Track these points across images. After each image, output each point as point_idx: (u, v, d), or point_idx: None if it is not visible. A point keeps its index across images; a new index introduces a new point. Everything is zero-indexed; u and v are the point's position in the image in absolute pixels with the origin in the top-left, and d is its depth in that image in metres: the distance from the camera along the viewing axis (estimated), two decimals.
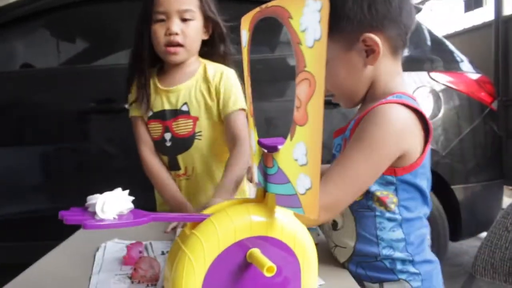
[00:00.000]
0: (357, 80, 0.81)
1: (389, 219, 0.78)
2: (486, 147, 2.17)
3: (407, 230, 0.79)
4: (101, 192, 0.46)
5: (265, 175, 0.51)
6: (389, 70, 0.81)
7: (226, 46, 1.24)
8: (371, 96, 0.82)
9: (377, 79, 0.81)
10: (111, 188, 0.49)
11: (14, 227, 1.98)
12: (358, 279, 0.80)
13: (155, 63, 1.22)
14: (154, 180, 1.21)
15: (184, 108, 1.18)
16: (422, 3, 6.12)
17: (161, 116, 1.19)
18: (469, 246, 2.77)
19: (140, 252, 0.81)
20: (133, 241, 0.87)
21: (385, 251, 0.79)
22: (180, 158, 1.20)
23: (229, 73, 1.20)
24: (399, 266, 0.79)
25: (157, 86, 1.20)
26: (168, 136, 1.19)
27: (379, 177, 0.76)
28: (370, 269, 0.80)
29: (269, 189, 0.50)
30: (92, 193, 0.46)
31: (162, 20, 1.13)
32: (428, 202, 0.82)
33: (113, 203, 0.44)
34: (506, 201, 2.47)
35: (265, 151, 0.50)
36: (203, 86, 1.18)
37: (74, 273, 0.77)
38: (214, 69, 1.20)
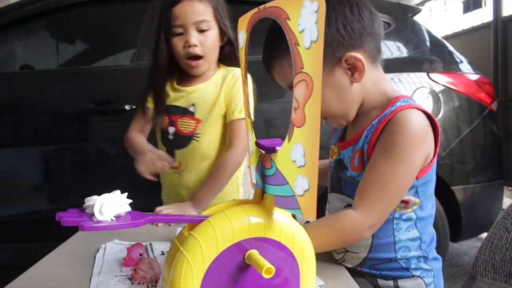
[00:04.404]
0: (348, 99, 0.81)
1: (405, 220, 0.81)
2: (486, 148, 2.16)
3: (422, 229, 0.82)
4: (100, 193, 0.46)
5: (263, 177, 0.51)
6: (375, 78, 0.82)
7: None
8: (368, 106, 0.83)
9: (367, 91, 0.82)
10: (111, 189, 0.49)
11: (14, 228, 1.98)
12: (371, 277, 0.82)
13: (173, 69, 1.25)
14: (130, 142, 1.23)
15: (191, 109, 1.22)
16: (422, 4, 6.12)
17: (169, 110, 1.24)
18: (469, 246, 2.77)
19: (141, 254, 0.81)
20: (133, 242, 0.87)
21: (401, 252, 0.81)
22: (177, 152, 1.24)
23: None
24: (413, 265, 0.82)
25: (173, 85, 1.26)
26: (172, 130, 1.24)
27: None
28: (385, 269, 0.82)
29: (267, 191, 0.50)
30: (92, 194, 0.46)
31: (180, 33, 1.17)
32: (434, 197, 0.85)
33: (111, 205, 0.44)
34: (506, 202, 2.47)
35: (263, 152, 0.50)
36: (216, 91, 1.22)
37: (74, 274, 0.77)
38: (232, 73, 1.23)
